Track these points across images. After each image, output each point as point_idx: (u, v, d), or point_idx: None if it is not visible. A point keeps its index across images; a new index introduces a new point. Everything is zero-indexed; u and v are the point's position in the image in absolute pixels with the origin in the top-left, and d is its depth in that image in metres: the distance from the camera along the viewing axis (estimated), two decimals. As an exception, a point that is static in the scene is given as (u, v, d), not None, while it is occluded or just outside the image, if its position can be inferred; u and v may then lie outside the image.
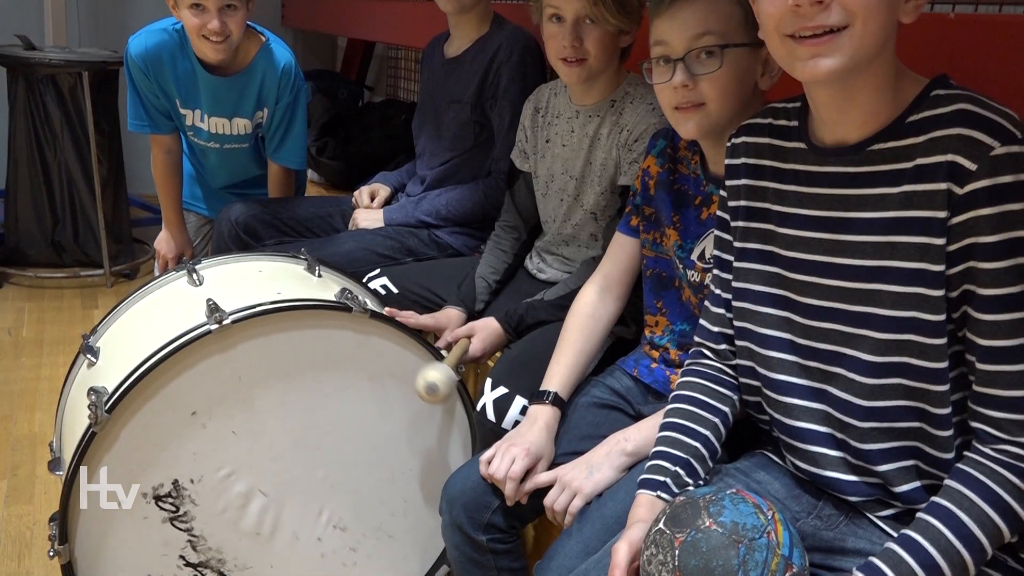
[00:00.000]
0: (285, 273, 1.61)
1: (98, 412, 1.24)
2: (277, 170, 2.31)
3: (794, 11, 0.86)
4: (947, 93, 0.88)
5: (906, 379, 0.92)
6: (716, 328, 1.13)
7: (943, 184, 0.85)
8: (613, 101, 1.59)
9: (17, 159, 3.43)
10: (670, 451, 1.07)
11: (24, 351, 2.87)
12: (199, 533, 1.41)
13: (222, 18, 1.98)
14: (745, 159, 1.06)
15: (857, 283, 0.94)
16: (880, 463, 0.96)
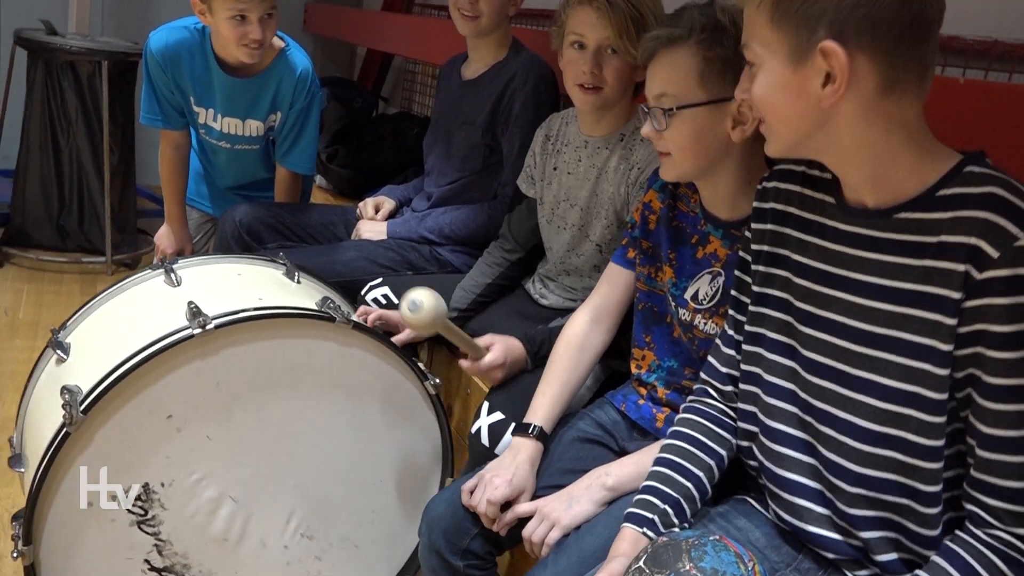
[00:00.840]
0: (264, 278, 1.61)
1: (73, 412, 1.23)
2: (285, 174, 2.32)
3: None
4: (981, 172, 0.87)
5: (900, 453, 0.91)
6: (724, 369, 1.13)
7: (962, 265, 0.84)
8: (623, 135, 1.59)
9: (30, 141, 3.45)
10: (662, 488, 1.07)
11: (19, 333, 2.87)
12: (166, 538, 1.39)
13: (263, 27, 2.01)
14: (774, 204, 1.06)
15: (864, 348, 0.93)
16: (863, 529, 0.95)
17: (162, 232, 2.44)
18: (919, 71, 0.87)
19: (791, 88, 0.89)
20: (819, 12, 0.84)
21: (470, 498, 1.24)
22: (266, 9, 2.00)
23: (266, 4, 1.99)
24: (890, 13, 0.83)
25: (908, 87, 0.87)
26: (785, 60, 0.88)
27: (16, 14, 3.50)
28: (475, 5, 1.90)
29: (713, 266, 1.25)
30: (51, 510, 1.27)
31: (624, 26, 1.48)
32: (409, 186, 2.34)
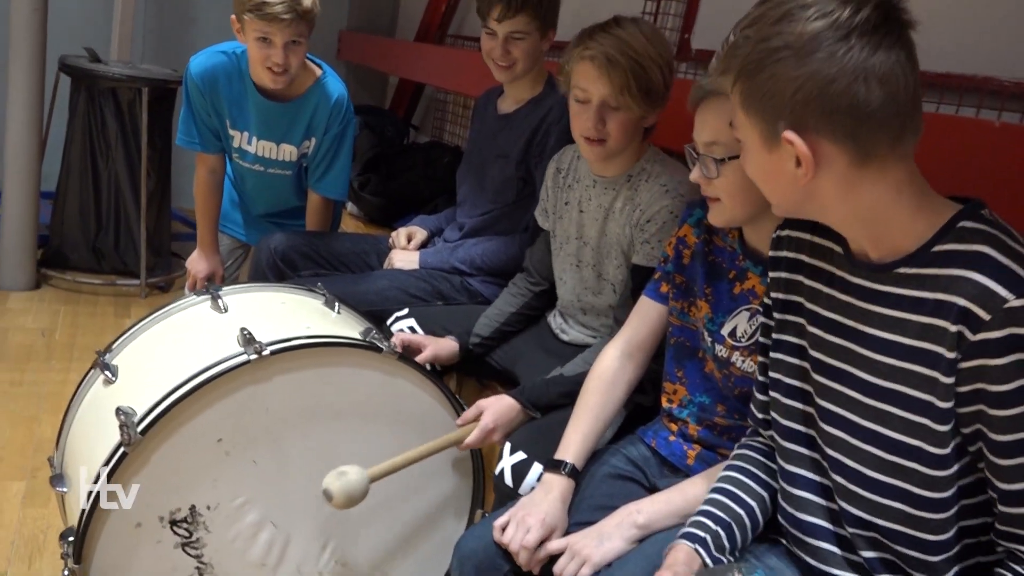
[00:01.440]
0: (306, 307, 1.66)
1: (131, 433, 1.27)
2: (317, 200, 2.36)
3: None
4: (973, 227, 0.89)
5: (905, 505, 0.93)
6: (761, 415, 1.15)
7: (955, 326, 0.86)
8: (630, 176, 1.61)
9: (70, 165, 3.54)
10: (715, 512, 1.09)
11: (55, 354, 2.93)
12: (208, 560, 1.43)
13: (286, 52, 2.06)
14: (787, 252, 1.09)
15: (870, 399, 0.95)
16: (880, 572, 0.97)
17: (194, 257, 2.49)
18: (892, 138, 0.89)
19: (770, 168, 0.94)
20: (777, 106, 0.89)
21: (502, 535, 1.26)
22: (291, 36, 2.05)
23: (291, 31, 2.04)
24: (841, 102, 0.86)
25: (884, 155, 0.90)
26: (760, 144, 0.93)
27: (61, 41, 3.60)
28: (508, 55, 1.94)
29: (751, 303, 1.27)
30: (104, 529, 1.31)
31: (625, 83, 1.48)
32: (441, 216, 2.38)
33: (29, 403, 2.56)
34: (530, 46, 1.94)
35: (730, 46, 0.92)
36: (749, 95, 0.91)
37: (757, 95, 0.90)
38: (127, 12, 3.91)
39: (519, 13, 1.89)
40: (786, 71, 0.87)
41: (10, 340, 2.98)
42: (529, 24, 1.91)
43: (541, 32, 1.95)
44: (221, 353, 1.36)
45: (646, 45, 1.49)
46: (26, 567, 1.86)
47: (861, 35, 0.85)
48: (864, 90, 0.86)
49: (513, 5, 1.88)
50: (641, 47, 1.48)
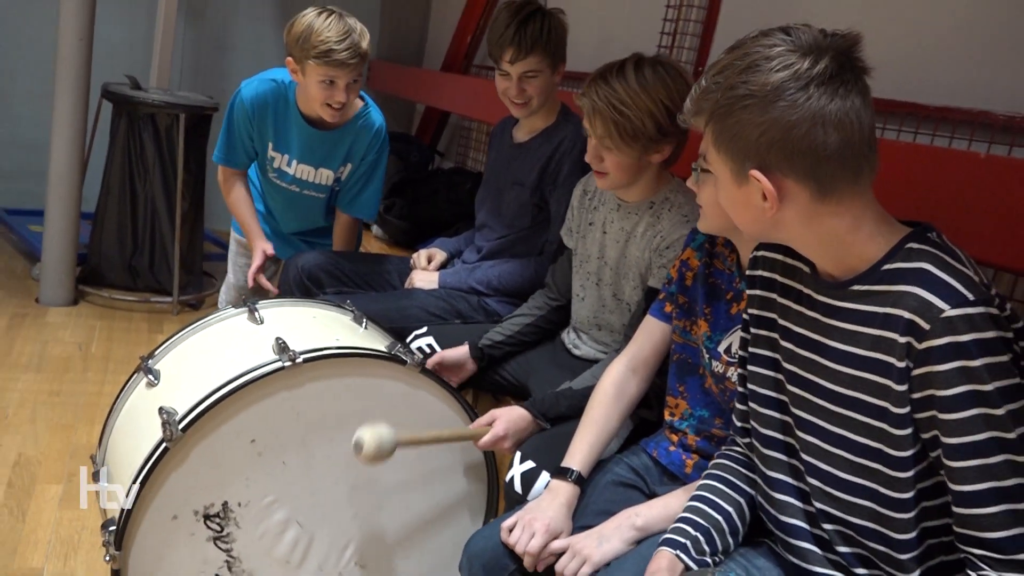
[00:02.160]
0: (336, 322, 1.76)
1: (172, 430, 1.38)
2: (346, 219, 2.49)
3: None
4: (918, 248, 0.97)
5: (873, 503, 1.01)
6: (740, 423, 1.24)
7: (903, 337, 0.94)
8: (652, 203, 1.69)
9: (110, 187, 3.69)
10: (694, 518, 1.17)
11: (91, 366, 3.06)
12: (237, 555, 1.52)
13: (347, 91, 2.21)
14: (762, 271, 1.18)
15: (836, 407, 1.04)
16: (857, 567, 1.05)
17: (255, 245, 2.47)
18: (850, 176, 0.97)
19: (739, 200, 1.04)
20: (744, 148, 0.98)
21: (508, 536, 1.33)
22: (353, 77, 2.19)
23: (353, 73, 2.18)
24: (801, 145, 0.95)
25: (842, 191, 0.98)
26: (730, 179, 1.03)
27: (104, 69, 3.77)
28: (523, 92, 2.04)
29: None
30: (144, 519, 1.41)
31: (606, 131, 1.57)
32: (460, 238, 2.48)
33: (66, 412, 2.68)
34: (543, 82, 2.04)
35: (702, 90, 1.01)
36: (719, 136, 1.00)
37: (727, 136, 0.99)
38: (167, 42, 4.08)
39: (530, 55, 1.99)
40: (752, 117, 0.96)
41: (49, 352, 3.11)
42: (540, 63, 2.01)
43: (552, 68, 2.05)
44: (257, 360, 1.47)
45: (637, 93, 1.55)
46: (62, 564, 1.96)
47: (819, 85, 0.94)
48: (822, 134, 0.94)
49: (524, 48, 1.98)
50: (631, 96, 1.54)
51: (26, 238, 4.03)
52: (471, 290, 2.20)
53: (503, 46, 2.00)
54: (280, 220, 2.63)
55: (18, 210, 4.37)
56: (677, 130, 1.60)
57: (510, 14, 1.99)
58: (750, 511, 1.20)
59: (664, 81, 1.57)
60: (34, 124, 4.34)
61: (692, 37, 2.63)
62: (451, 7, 4.53)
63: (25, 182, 4.51)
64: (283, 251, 2.61)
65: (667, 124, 1.58)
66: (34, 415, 2.63)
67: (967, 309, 0.90)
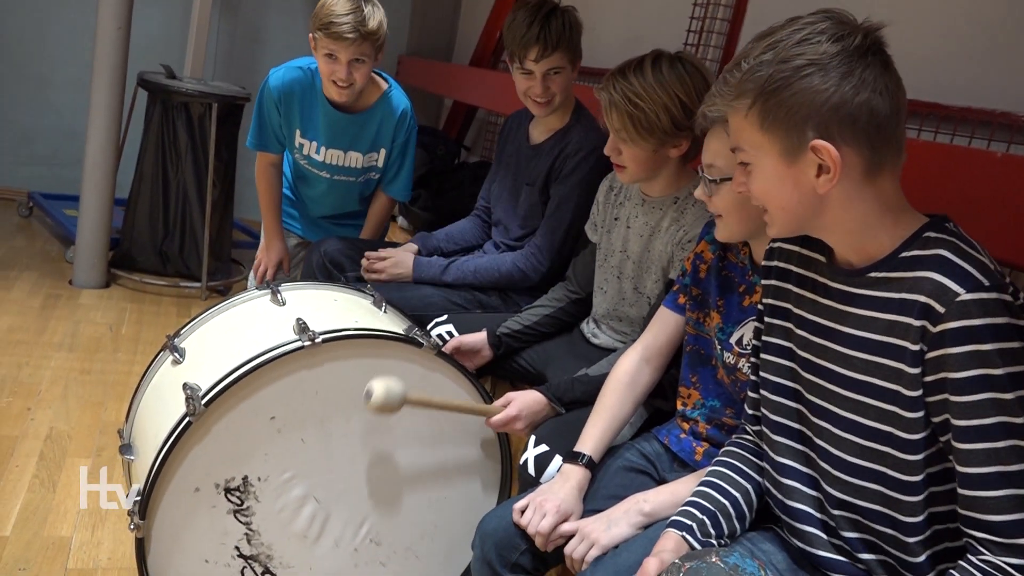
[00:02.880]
0: (356, 305, 1.80)
1: (195, 404, 1.43)
2: (383, 201, 2.58)
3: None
4: (936, 236, 1.00)
5: (882, 487, 1.03)
6: (751, 411, 1.26)
7: (918, 321, 0.97)
8: (677, 199, 1.72)
9: (143, 173, 3.77)
10: (701, 502, 1.20)
11: (121, 347, 3.13)
12: (256, 528, 1.57)
13: (350, 69, 2.26)
14: (778, 262, 1.21)
15: (848, 392, 1.06)
16: (862, 552, 1.07)
17: (263, 247, 2.67)
18: (896, 152, 1.02)
19: (788, 180, 1.03)
20: (804, 117, 0.99)
21: (520, 517, 1.37)
22: (355, 55, 2.24)
23: (355, 50, 2.23)
24: (864, 110, 0.98)
25: (888, 167, 1.02)
26: (779, 158, 1.03)
27: (140, 58, 3.85)
28: (548, 90, 2.06)
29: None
30: (167, 490, 1.46)
31: (623, 123, 1.61)
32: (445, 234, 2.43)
33: (96, 390, 2.76)
34: (565, 80, 2.07)
35: (746, 72, 1.02)
36: (770, 112, 1.00)
37: (782, 111, 1.00)
38: (201, 33, 4.17)
39: (555, 51, 2.01)
40: (813, 85, 0.98)
41: (81, 333, 3.19)
42: (563, 59, 2.04)
43: (572, 65, 2.08)
44: (278, 339, 1.51)
45: (653, 87, 1.58)
46: (89, 534, 2.02)
47: (873, 54, 0.98)
48: (879, 101, 0.98)
49: (549, 45, 2.00)
50: (646, 90, 1.58)
51: (61, 222, 4.13)
52: (446, 286, 2.21)
53: (527, 45, 2.01)
54: (311, 205, 2.69)
55: (54, 195, 4.48)
56: (693, 124, 1.61)
57: (530, 12, 2.01)
58: (757, 498, 1.23)
59: (681, 77, 1.59)
60: (71, 111, 4.46)
61: (719, 35, 2.64)
62: (480, 4, 4.57)
63: (61, 168, 4.63)
64: (311, 233, 2.70)
65: (682, 118, 1.60)
66: (66, 392, 2.71)
67: (982, 294, 0.93)
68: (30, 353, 2.94)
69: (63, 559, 1.93)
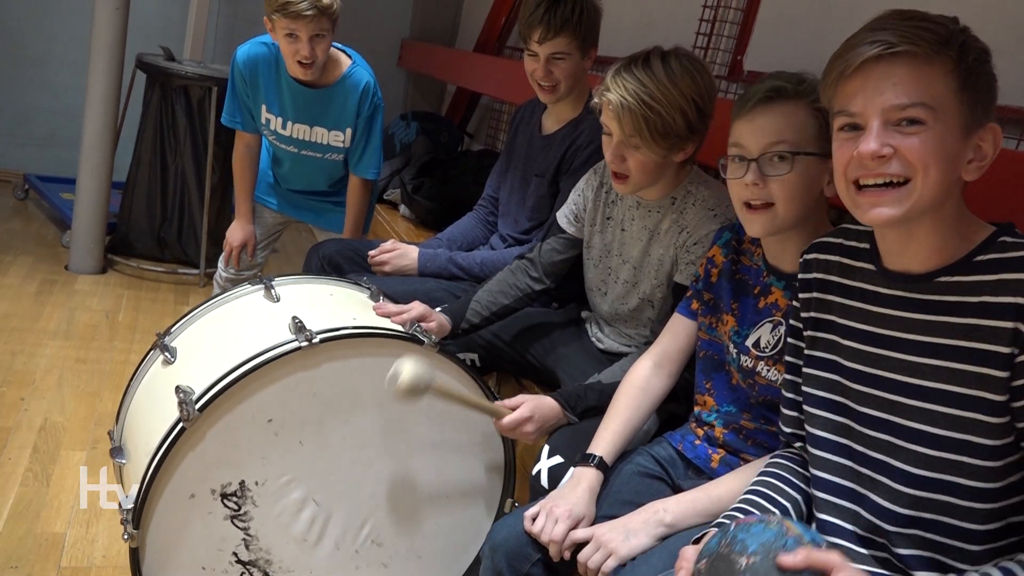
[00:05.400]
0: (353, 299, 1.75)
1: (189, 410, 1.37)
2: (356, 182, 2.55)
3: (859, 160, 0.96)
4: (1014, 241, 0.97)
5: (951, 496, 0.99)
6: (789, 429, 1.21)
7: (1010, 323, 0.93)
8: (674, 199, 1.64)
9: (141, 157, 3.72)
10: (750, 509, 1.14)
11: (118, 335, 3.09)
12: (254, 533, 1.52)
13: (312, 45, 2.26)
14: (816, 274, 1.15)
15: (914, 400, 1.01)
16: (917, 569, 1.02)
17: (232, 227, 2.70)
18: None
19: (954, 157, 0.95)
20: (994, 97, 0.97)
21: (532, 525, 1.32)
22: (315, 31, 2.24)
23: (314, 26, 2.23)
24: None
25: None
26: (959, 128, 0.95)
27: (139, 40, 3.78)
28: (551, 75, 1.98)
29: (774, 315, 1.33)
30: (161, 498, 1.41)
31: (637, 128, 1.48)
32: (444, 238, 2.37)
33: (92, 379, 2.71)
34: (571, 66, 1.99)
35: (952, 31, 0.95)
36: (976, 79, 0.95)
37: (983, 82, 0.96)
38: (201, 14, 4.09)
39: (559, 35, 1.94)
40: (992, 72, 0.97)
41: (77, 320, 3.15)
42: (569, 44, 1.96)
43: (582, 52, 1.99)
44: (274, 339, 1.45)
45: (668, 88, 1.47)
46: (83, 530, 1.98)
47: None
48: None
49: (553, 27, 1.93)
50: (662, 91, 1.47)
51: (57, 205, 4.07)
52: (452, 276, 2.17)
53: (532, 25, 1.95)
54: (283, 180, 2.71)
55: (50, 177, 4.43)
56: (703, 127, 1.55)
57: None
58: (807, 510, 1.17)
59: (692, 75, 1.50)
60: (69, 92, 4.39)
61: (732, 25, 2.58)
62: (486, -13, 4.49)
63: (58, 149, 4.56)
64: (286, 208, 2.74)
65: (696, 121, 1.52)
66: (61, 381, 2.66)
67: None
68: (24, 340, 2.89)
69: (56, 557, 1.89)
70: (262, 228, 2.77)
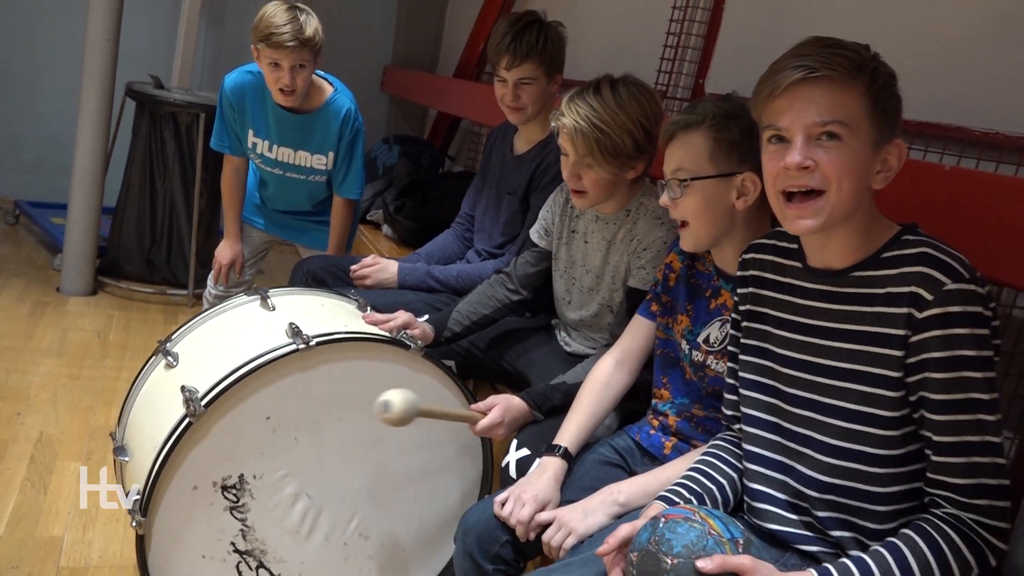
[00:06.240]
0: (343, 309, 1.88)
1: (195, 406, 1.49)
2: (340, 202, 2.70)
3: (785, 172, 1.11)
4: (914, 238, 1.13)
5: (861, 464, 1.14)
6: (730, 412, 1.36)
7: (905, 309, 1.08)
8: (628, 211, 1.79)
9: (131, 182, 3.82)
10: (690, 484, 1.29)
11: (109, 353, 3.18)
12: (251, 524, 1.63)
13: (293, 74, 2.41)
14: (753, 271, 1.31)
15: (830, 380, 1.16)
16: (833, 529, 1.17)
17: (221, 246, 2.84)
18: None
19: (865, 168, 1.11)
20: (898, 116, 1.12)
21: (501, 509, 1.44)
22: (296, 61, 2.39)
23: (295, 56, 2.38)
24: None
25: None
26: (868, 146, 1.10)
27: (129, 68, 3.90)
28: (518, 99, 2.14)
29: (724, 315, 1.48)
30: (167, 488, 1.52)
31: (589, 148, 1.65)
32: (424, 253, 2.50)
33: (85, 395, 2.81)
34: (537, 91, 2.13)
35: (865, 56, 1.09)
36: (886, 98, 1.10)
37: (889, 105, 1.10)
38: (189, 43, 4.22)
39: (525, 61, 2.09)
40: (897, 94, 1.11)
41: (69, 339, 3.24)
42: (535, 70, 2.10)
43: (548, 77, 2.14)
44: (272, 343, 1.58)
45: (616, 112, 1.64)
46: (80, 534, 2.08)
47: None
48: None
49: (519, 54, 2.08)
50: (611, 115, 1.64)
51: (48, 230, 4.16)
52: (430, 288, 2.29)
53: (500, 53, 2.10)
54: (269, 201, 2.86)
55: (41, 203, 4.52)
56: (651, 147, 1.71)
57: (509, 24, 2.10)
58: (740, 486, 1.32)
59: (639, 100, 1.67)
60: (59, 119, 4.50)
61: (694, 51, 2.74)
62: (465, 16, 4.66)
63: (48, 175, 4.66)
64: (271, 227, 2.88)
65: (643, 141, 1.68)
66: (55, 397, 2.76)
67: (963, 285, 1.05)
68: (18, 359, 2.98)
69: (55, 557, 1.98)
70: (249, 247, 2.90)
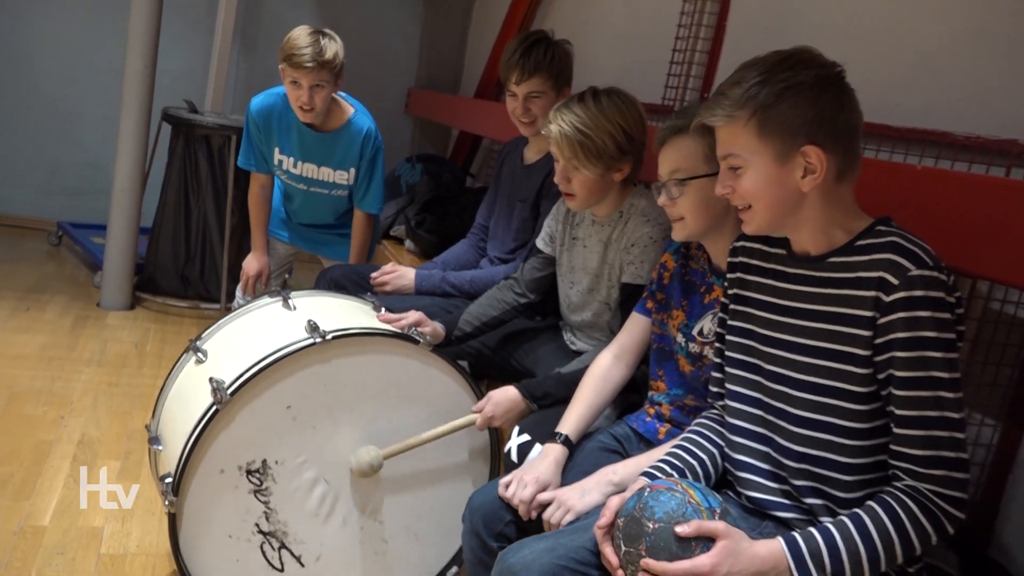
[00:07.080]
0: (358, 310, 2.02)
1: (222, 395, 1.63)
2: (361, 216, 2.86)
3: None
4: (886, 229, 1.23)
5: (833, 435, 1.23)
6: (715, 389, 1.46)
7: (873, 292, 1.18)
8: (621, 212, 1.91)
9: (166, 202, 4.01)
10: (672, 460, 1.39)
11: (146, 363, 3.35)
12: (273, 507, 1.76)
13: (311, 93, 2.58)
14: (742, 258, 1.41)
15: (805, 357, 1.27)
16: (806, 496, 1.27)
17: (248, 259, 3.03)
18: (857, 162, 1.26)
19: (776, 180, 1.23)
20: (798, 126, 1.21)
21: (505, 491, 1.55)
22: (314, 81, 2.56)
23: (314, 77, 2.55)
24: (842, 123, 1.21)
25: (850, 174, 1.25)
26: (772, 161, 1.23)
27: (165, 94, 4.10)
28: (528, 112, 2.27)
29: (716, 308, 1.57)
30: (197, 471, 1.65)
31: (574, 151, 1.78)
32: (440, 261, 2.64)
33: (124, 400, 2.97)
34: (547, 103, 2.24)
35: (746, 89, 1.21)
36: (768, 123, 1.20)
37: (778, 120, 1.20)
38: (221, 70, 4.43)
39: (534, 76, 2.22)
40: (806, 101, 1.19)
41: (109, 350, 3.41)
42: (544, 84, 2.23)
43: (556, 90, 2.26)
44: (292, 338, 1.72)
45: (597, 117, 1.78)
46: (119, 525, 2.22)
47: (845, 78, 1.22)
48: (854, 117, 1.22)
49: (527, 69, 2.21)
50: (592, 119, 1.78)
51: (89, 249, 4.37)
52: (445, 293, 2.40)
53: (510, 68, 2.24)
54: (294, 215, 3.03)
55: (82, 224, 4.74)
56: (634, 149, 1.84)
57: (518, 42, 2.25)
58: (723, 462, 1.41)
59: (619, 107, 1.81)
60: (99, 145, 4.73)
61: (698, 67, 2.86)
62: (485, 39, 4.82)
63: (89, 199, 4.89)
64: (296, 240, 3.06)
65: (625, 143, 1.81)
66: (96, 402, 2.92)
67: (927, 271, 1.14)
68: (62, 368, 3.16)
69: (96, 545, 2.12)
70: (275, 259, 3.07)
